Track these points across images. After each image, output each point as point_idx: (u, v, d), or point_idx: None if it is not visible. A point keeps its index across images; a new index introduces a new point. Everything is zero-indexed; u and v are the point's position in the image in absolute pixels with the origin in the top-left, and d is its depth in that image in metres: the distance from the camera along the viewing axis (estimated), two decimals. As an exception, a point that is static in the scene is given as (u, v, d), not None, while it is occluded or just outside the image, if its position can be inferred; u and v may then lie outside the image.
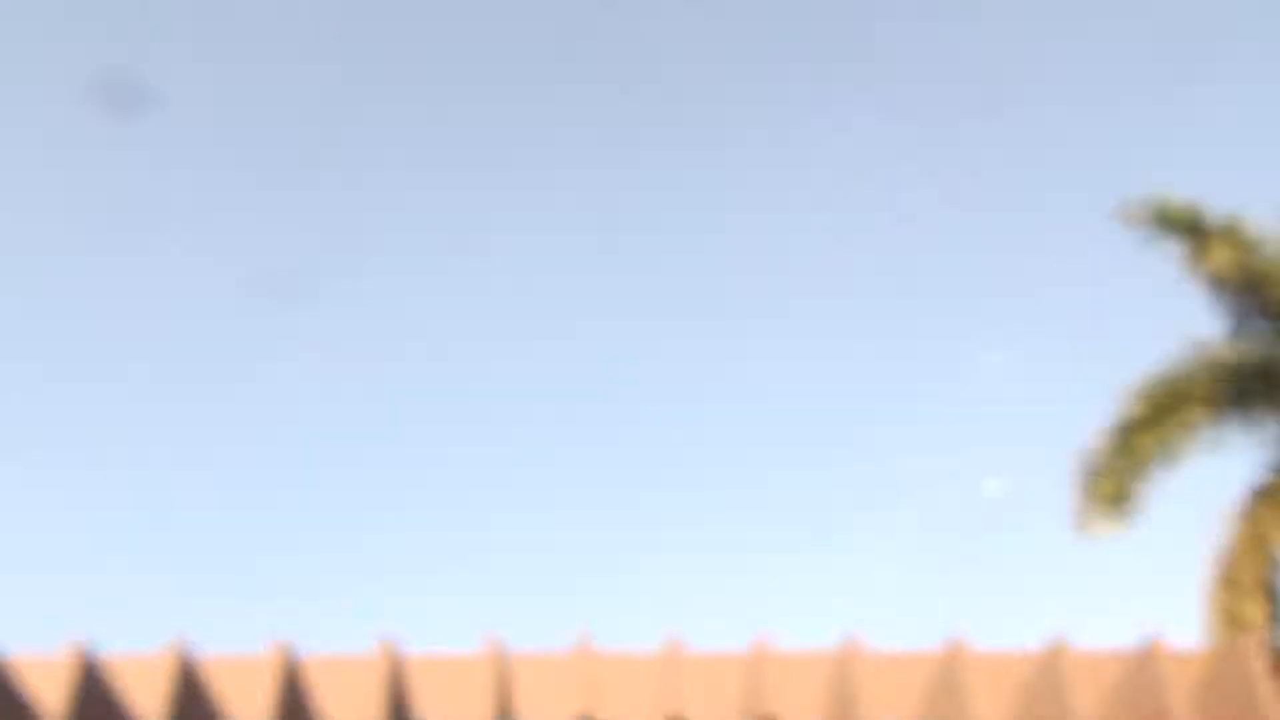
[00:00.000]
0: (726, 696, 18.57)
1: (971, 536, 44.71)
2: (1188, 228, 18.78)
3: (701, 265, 44.92)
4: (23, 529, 44.88)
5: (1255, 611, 17.03)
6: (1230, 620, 17.01)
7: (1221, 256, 18.20)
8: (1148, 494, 17.55)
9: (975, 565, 44.48)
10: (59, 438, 44.15)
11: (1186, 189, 19.37)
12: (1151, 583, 42.39)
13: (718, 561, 46.42)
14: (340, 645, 28.54)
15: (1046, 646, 17.39)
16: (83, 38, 41.96)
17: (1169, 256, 19.04)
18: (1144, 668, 17.03)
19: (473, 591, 47.02)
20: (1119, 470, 17.32)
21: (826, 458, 46.78)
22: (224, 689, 18.49)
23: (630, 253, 45.91)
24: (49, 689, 16.50)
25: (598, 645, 17.18)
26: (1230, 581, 17.20)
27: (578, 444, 46.71)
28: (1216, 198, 19.47)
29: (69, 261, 42.63)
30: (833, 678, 17.83)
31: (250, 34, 44.04)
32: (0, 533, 45.02)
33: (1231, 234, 18.39)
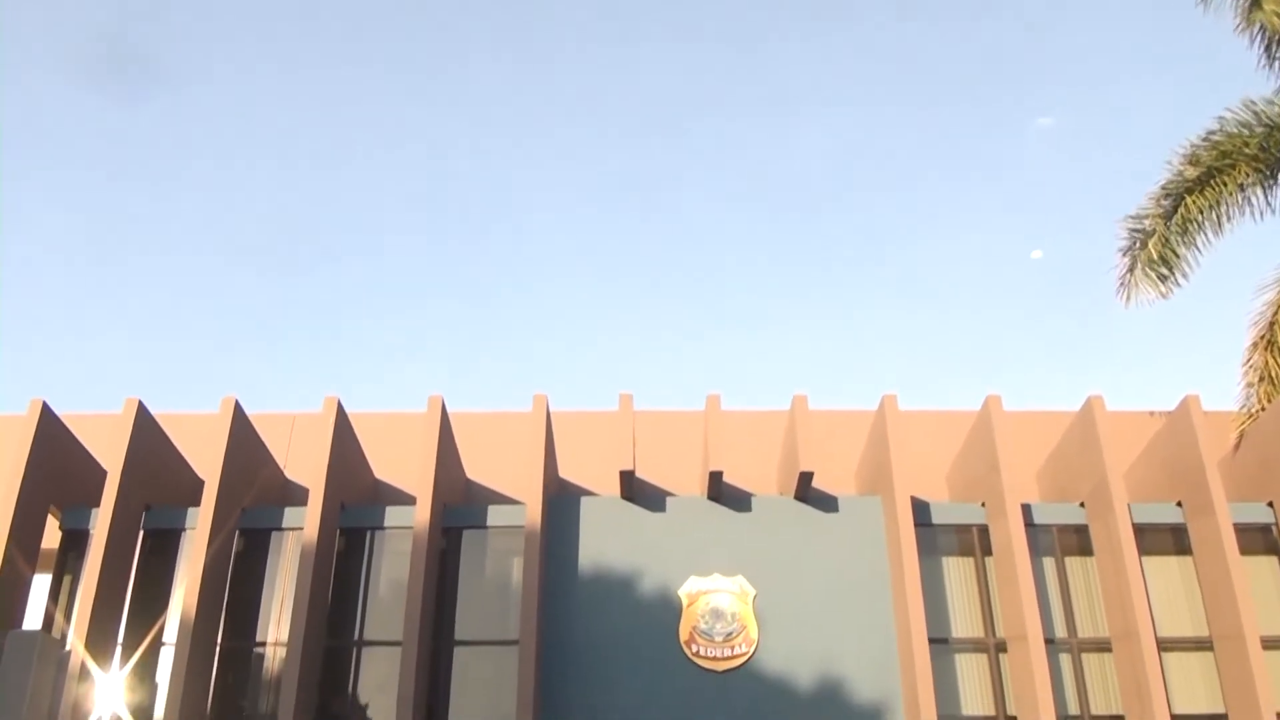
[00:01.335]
0: (765, 453, 19.05)
1: (1014, 304, 44.99)
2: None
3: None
4: (86, 299, 45.50)
5: (1292, 372, 17.18)
6: (1266, 381, 17.18)
7: (1275, 8, 17.52)
8: (1193, 259, 17.46)
9: (1016, 331, 44.89)
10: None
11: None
12: (1189, 349, 42.83)
13: (758, 329, 46.94)
14: (388, 404, 29.26)
15: (1080, 407, 17.67)
16: None
17: (1222, 10, 18.35)
18: (1177, 427, 17.33)
19: (519, 355, 47.85)
20: (1166, 234, 17.20)
21: (873, 229, 46.76)
22: (276, 443, 19.07)
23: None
24: (110, 443, 17.01)
25: (639, 404, 17.50)
26: (1269, 343, 17.29)
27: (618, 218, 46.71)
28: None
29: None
30: (872, 436, 18.21)
31: None
32: (69, 303, 45.73)
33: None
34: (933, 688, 15.29)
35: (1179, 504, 17.22)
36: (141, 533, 17.26)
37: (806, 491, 17.17)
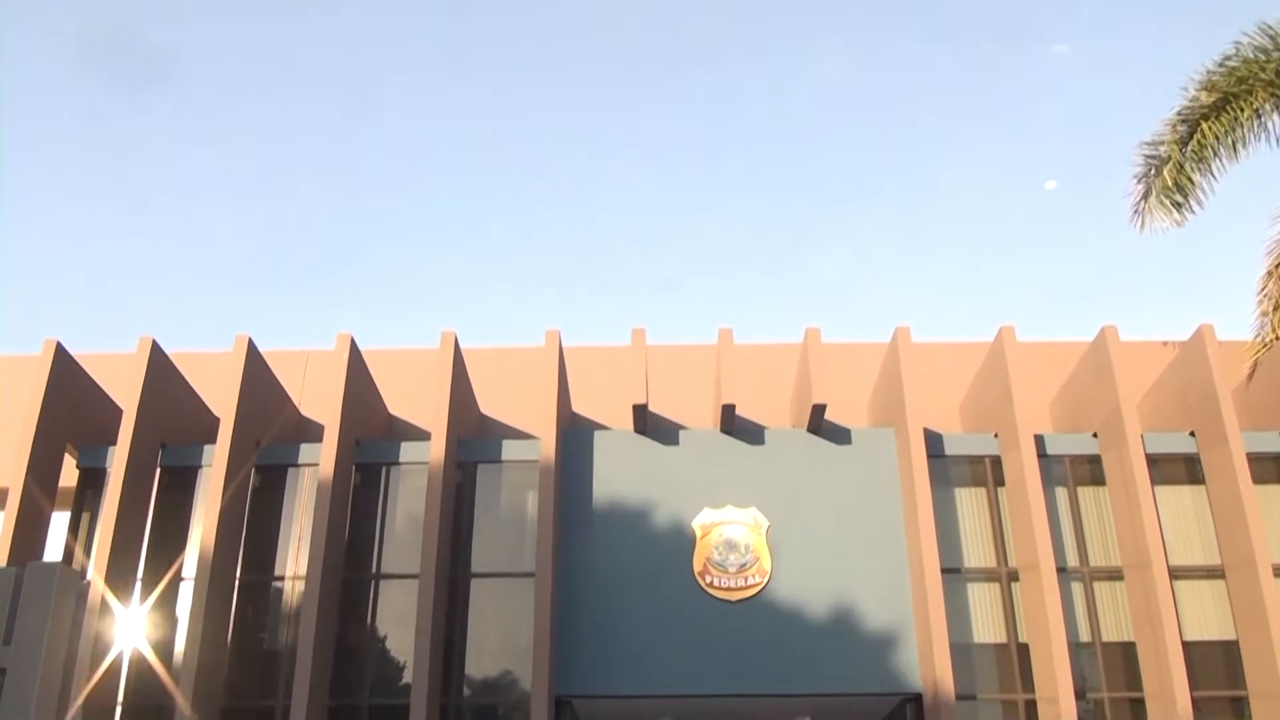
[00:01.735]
0: (777, 386, 19.05)
1: (1027, 235, 44.70)
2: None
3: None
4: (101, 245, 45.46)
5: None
6: (1280, 310, 17.04)
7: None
8: (1208, 186, 17.25)
9: (1030, 262, 44.65)
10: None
11: None
12: (1203, 278, 42.58)
13: (770, 263, 46.80)
14: (404, 340, 29.29)
15: (1094, 337, 17.61)
16: None
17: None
18: (1191, 356, 17.27)
19: (532, 291, 47.85)
20: (1181, 161, 16.97)
21: (883, 163, 46.39)
22: (290, 380, 19.13)
23: None
24: (124, 382, 17.10)
25: (652, 338, 17.47)
26: (1284, 272, 17.12)
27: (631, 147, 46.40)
28: None
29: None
30: (885, 368, 18.19)
31: None
32: (80, 244, 45.72)
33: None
34: (945, 616, 15.40)
35: (1192, 434, 17.22)
36: (158, 470, 17.41)
37: (819, 424, 17.19)
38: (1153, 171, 16.73)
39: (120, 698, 16.00)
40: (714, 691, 15.99)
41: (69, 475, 17.38)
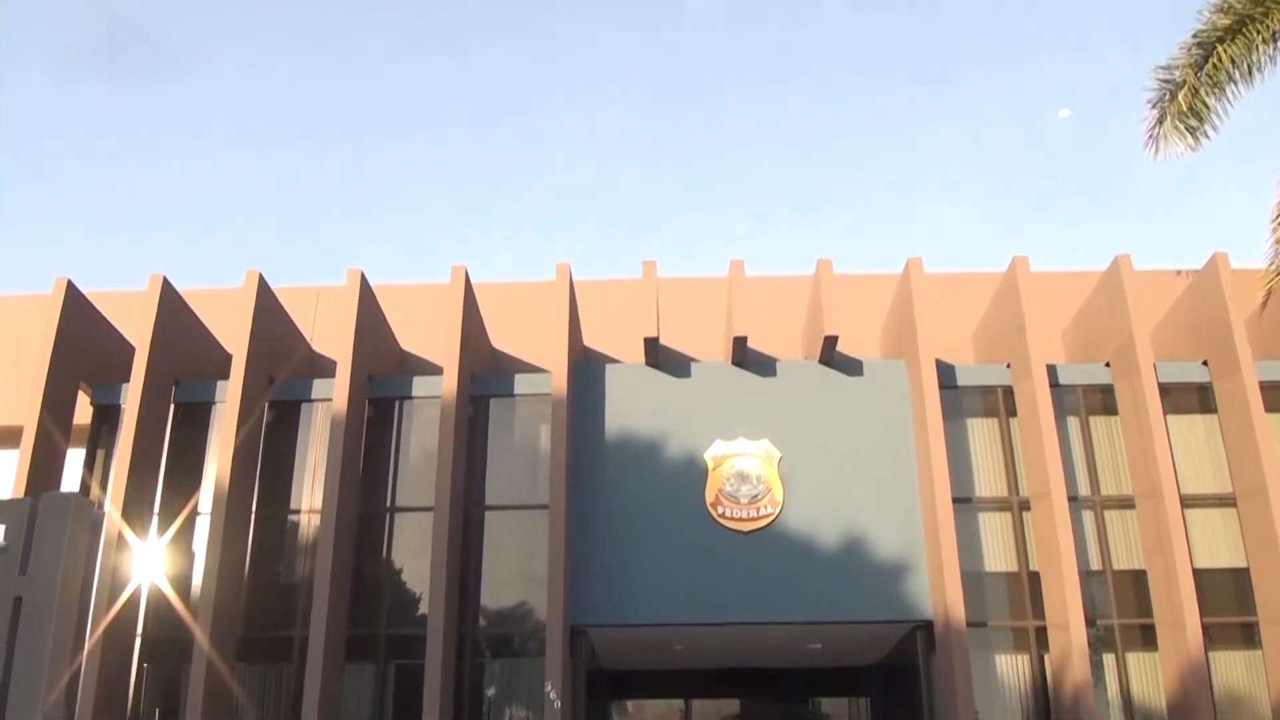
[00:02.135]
0: (789, 317, 19.01)
1: (1041, 164, 44.31)
2: None
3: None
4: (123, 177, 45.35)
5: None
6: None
7: None
8: (1223, 111, 17.03)
9: (1044, 191, 44.30)
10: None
11: None
12: (1218, 206, 42.22)
13: (782, 194, 46.52)
14: (410, 275, 29.21)
15: (1107, 266, 17.50)
16: None
17: None
18: (1204, 285, 17.17)
19: (541, 224, 47.70)
20: (1196, 85, 16.74)
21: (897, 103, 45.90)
22: (301, 316, 19.15)
23: None
24: (136, 320, 17.14)
25: (663, 271, 17.41)
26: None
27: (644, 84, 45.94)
28: None
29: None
30: (897, 299, 18.12)
31: None
32: (90, 181, 45.62)
33: None
34: (956, 545, 15.48)
35: (1205, 363, 17.16)
36: (172, 406, 17.50)
37: (831, 355, 17.17)
38: (1167, 96, 16.52)
39: (140, 629, 16.24)
40: (726, 620, 16.14)
41: (83, 413, 17.50)
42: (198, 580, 15.95)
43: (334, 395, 16.59)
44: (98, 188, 46.59)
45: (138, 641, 16.21)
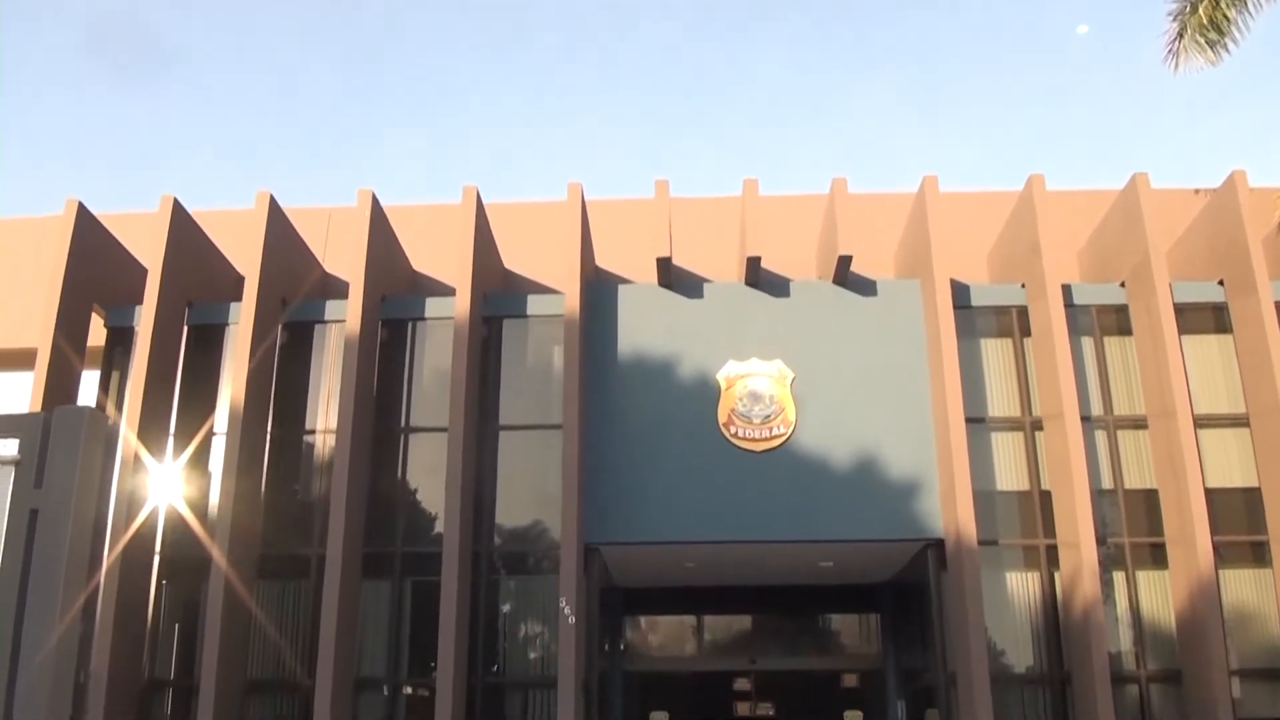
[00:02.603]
0: (803, 237, 18.90)
1: (1059, 82, 43.68)
2: None
3: None
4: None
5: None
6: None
7: None
8: (1244, 23, 16.71)
9: (1061, 109, 43.74)
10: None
11: None
12: (1236, 124, 41.64)
13: (796, 112, 46.02)
14: (425, 196, 29.07)
15: (1124, 185, 17.32)
16: None
17: None
18: (1222, 203, 16.98)
19: (553, 144, 47.35)
20: (1218, -4, 16.43)
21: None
22: (313, 237, 19.10)
23: None
24: (147, 241, 17.14)
25: (675, 190, 17.30)
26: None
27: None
28: None
29: None
30: (912, 218, 17.99)
31: None
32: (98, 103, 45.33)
33: None
34: (968, 464, 15.52)
35: (1220, 282, 17.04)
36: (185, 328, 17.54)
37: (845, 275, 17.09)
38: (1187, 9, 16.21)
39: (158, 547, 16.44)
40: (738, 538, 16.26)
41: (97, 335, 17.56)
42: (214, 499, 16.10)
43: (347, 316, 16.60)
44: (108, 110, 46.29)
45: (156, 559, 16.42)
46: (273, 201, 17.18)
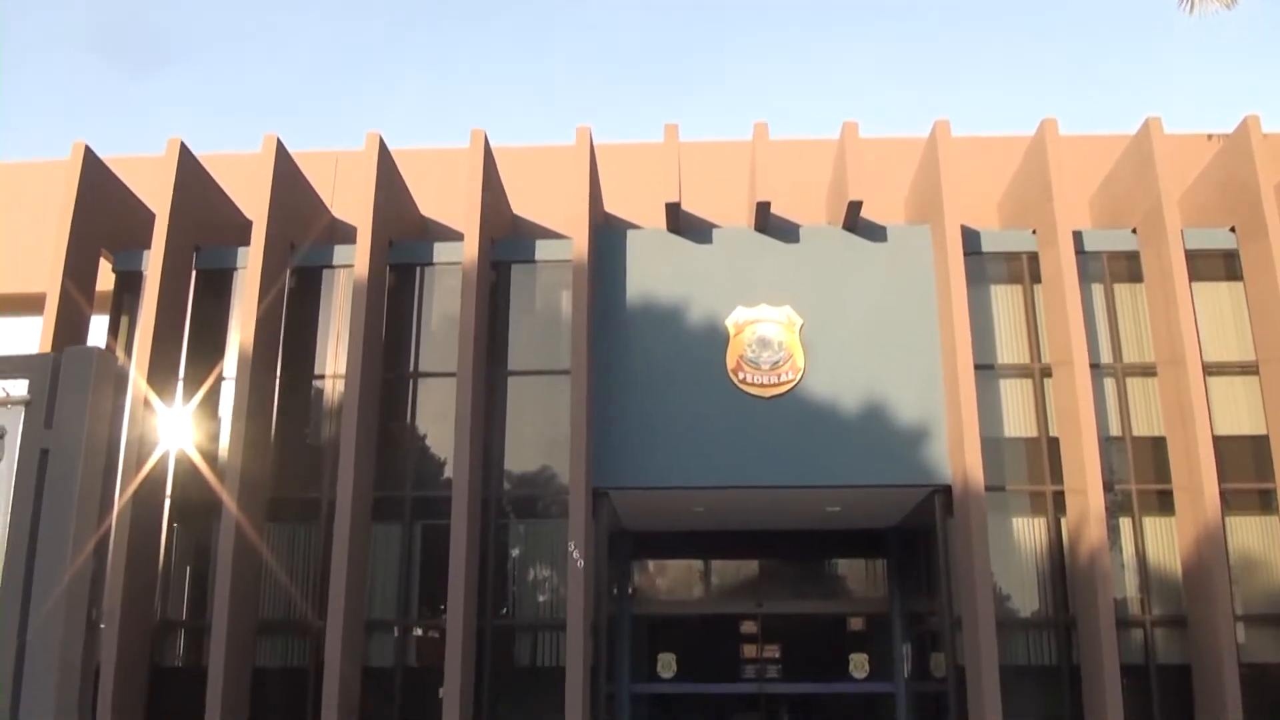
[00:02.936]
0: (813, 182, 18.78)
1: (1073, 26, 43.16)
2: None
3: None
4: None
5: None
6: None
7: None
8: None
9: (1076, 54, 43.24)
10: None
11: None
12: (1253, 69, 41.15)
13: (807, 55, 45.58)
14: (432, 140, 28.97)
15: (1137, 130, 17.17)
16: None
17: None
18: (1235, 149, 16.83)
19: (561, 86, 46.99)
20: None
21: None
22: (321, 181, 19.04)
23: None
24: (155, 186, 17.10)
25: (684, 135, 17.16)
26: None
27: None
28: None
29: None
30: (923, 163, 17.87)
31: None
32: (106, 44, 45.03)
33: None
34: (976, 411, 15.52)
35: (1232, 229, 16.92)
36: (194, 273, 17.54)
37: (855, 221, 16.99)
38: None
39: (168, 491, 16.55)
40: (746, 483, 16.31)
41: (105, 280, 17.57)
42: (224, 443, 16.17)
43: (355, 261, 16.59)
44: (115, 49, 45.98)
45: (166, 503, 16.54)
46: (279, 145, 17.10)
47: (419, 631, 16.44)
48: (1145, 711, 15.31)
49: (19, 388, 3.68)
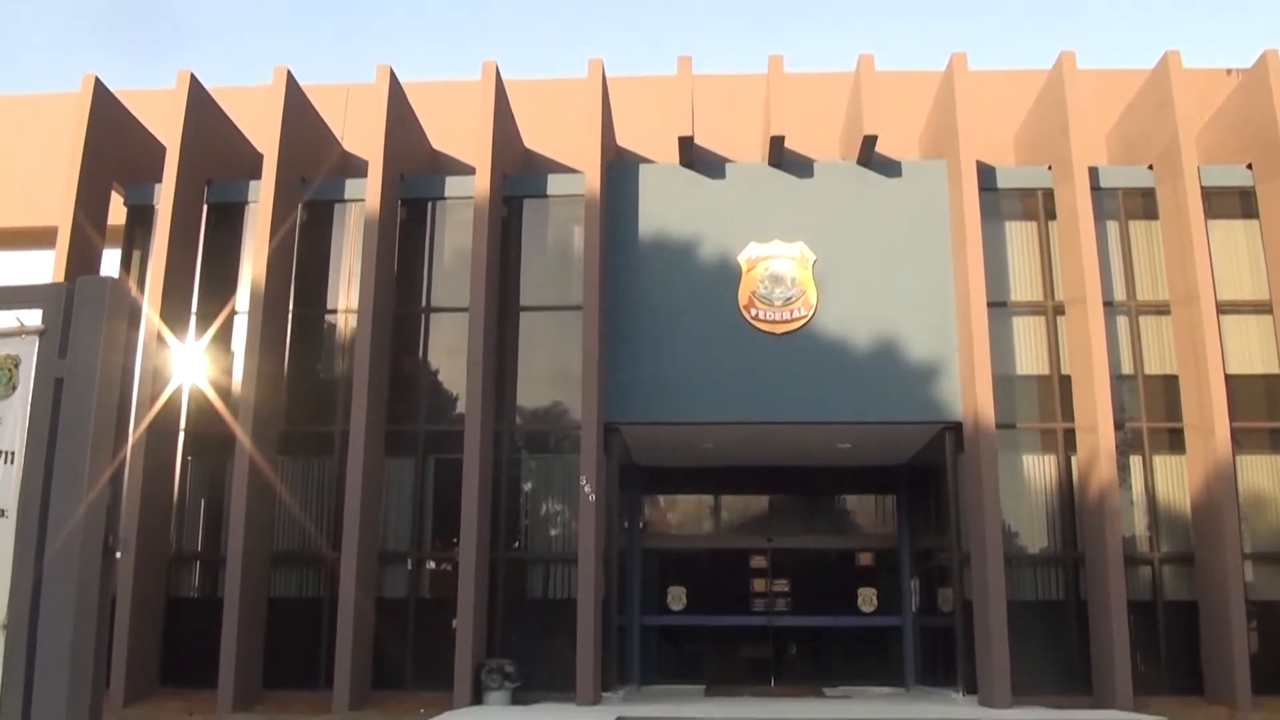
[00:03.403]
0: (828, 117, 18.64)
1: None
2: None
3: None
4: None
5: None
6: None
7: None
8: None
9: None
10: None
11: None
12: (1272, 3, 40.46)
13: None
14: (443, 73, 28.67)
15: (1155, 64, 16.96)
16: None
17: None
18: (1254, 84, 16.61)
19: (574, 20, 46.48)
20: None
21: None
22: (332, 115, 18.95)
23: None
24: (165, 119, 17.03)
25: (698, 67, 16.99)
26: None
27: None
28: None
29: None
30: (939, 97, 17.70)
31: None
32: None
33: None
34: (988, 348, 15.50)
35: (1249, 166, 16.76)
36: (205, 207, 17.52)
37: (870, 156, 16.86)
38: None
39: (182, 424, 16.67)
40: (757, 419, 16.35)
41: (117, 214, 17.56)
42: (237, 377, 16.25)
43: (366, 195, 16.54)
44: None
45: (181, 436, 16.66)
46: (290, 78, 17.00)
47: (432, 564, 16.61)
48: (1151, 647, 15.44)
49: (33, 317, 3.70)
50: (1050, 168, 17.04)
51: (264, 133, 17.03)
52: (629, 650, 18.52)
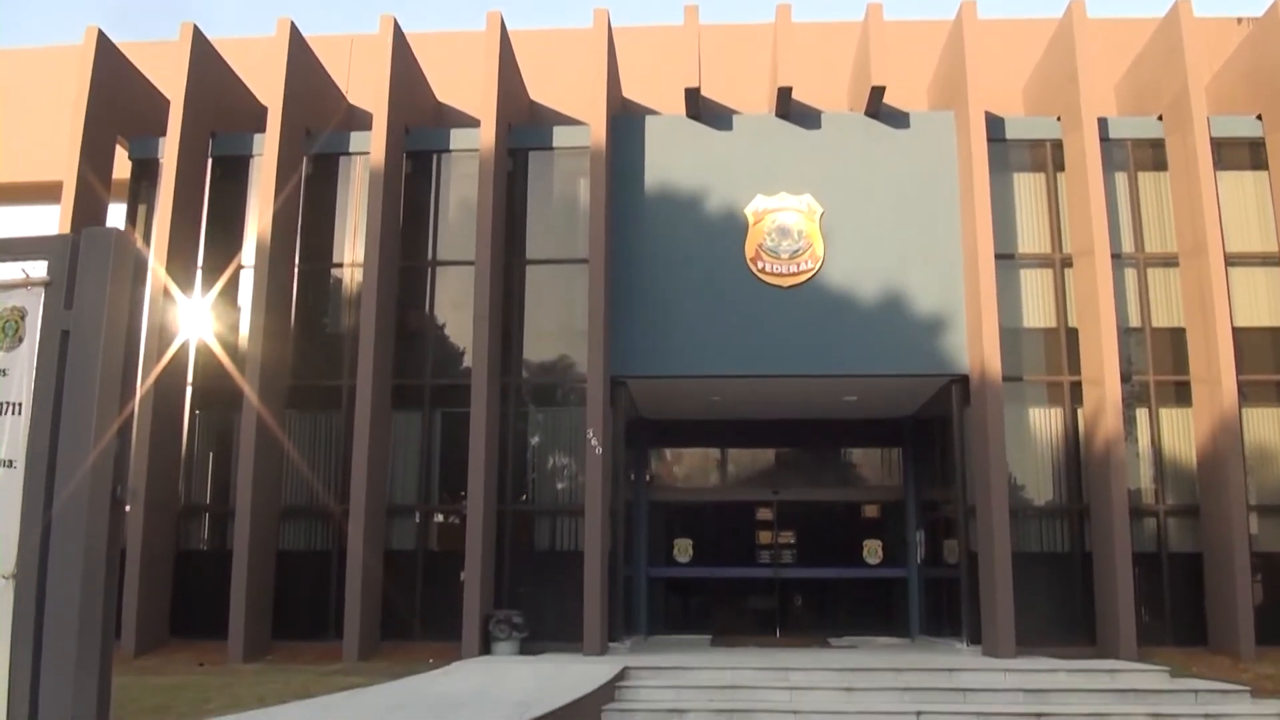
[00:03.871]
0: (836, 67, 18.48)
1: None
2: None
3: None
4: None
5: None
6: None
7: None
8: None
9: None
10: None
11: None
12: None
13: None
14: (445, 24, 28.46)
15: (1165, 13, 16.78)
16: None
17: None
18: (1265, 33, 16.44)
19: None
20: None
21: None
22: (336, 67, 18.83)
23: None
24: (169, 71, 16.93)
25: (705, 17, 16.83)
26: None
27: None
28: None
29: None
30: (948, 47, 17.54)
31: None
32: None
33: None
34: (995, 301, 15.45)
35: (1259, 117, 16.61)
36: (210, 160, 17.46)
37: (878, 107, 16.73)
38: None
39: (190, 378, 16.71)
40: (763, 372, 16.34)
41: (122, 169, 17.51)
42: (244, 332, 16.27)
43: (371, 147, 16.47)
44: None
45: (188, 390, 16.72)
46: (294, 29, 16.88)
47: (440, 517, 16.70)
48: (1155, 599, 15.52)
49: (38, 269, 3.69)
50: (1059, 118, 16.92)
51: (268, 85, 16.95)
52: (636, 602, 18.65)
